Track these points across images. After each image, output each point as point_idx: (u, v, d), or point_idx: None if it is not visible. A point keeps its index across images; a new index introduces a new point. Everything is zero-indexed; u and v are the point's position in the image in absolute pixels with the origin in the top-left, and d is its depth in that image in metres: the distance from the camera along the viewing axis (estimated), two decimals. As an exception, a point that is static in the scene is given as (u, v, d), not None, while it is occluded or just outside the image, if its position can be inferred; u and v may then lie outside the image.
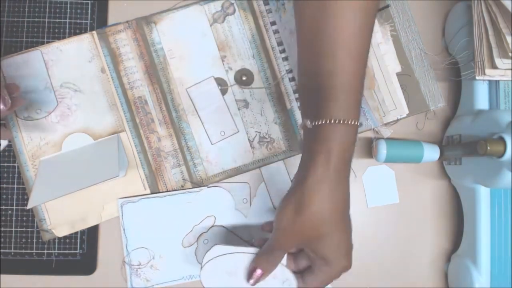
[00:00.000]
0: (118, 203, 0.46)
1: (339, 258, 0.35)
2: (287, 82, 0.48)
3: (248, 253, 0.37)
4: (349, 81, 0.31)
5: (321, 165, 0.32)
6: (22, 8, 0.47)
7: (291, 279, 0.36)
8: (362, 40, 0.31)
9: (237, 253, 0.37)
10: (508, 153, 0.37)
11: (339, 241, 0.34)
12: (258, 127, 0.48)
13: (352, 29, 0.31)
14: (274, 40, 0.48)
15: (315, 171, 0.32)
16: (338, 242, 0.34)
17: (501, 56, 0.41)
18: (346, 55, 0.31)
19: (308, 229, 0.33)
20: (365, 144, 0.50)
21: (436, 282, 0.51)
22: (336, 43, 0.31)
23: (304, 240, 0.34)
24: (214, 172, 0.47)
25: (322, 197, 0.32)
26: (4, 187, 0.46)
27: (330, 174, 0.31)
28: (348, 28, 0.31)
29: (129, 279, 0.46)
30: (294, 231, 0.33)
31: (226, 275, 0.37)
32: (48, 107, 0.46)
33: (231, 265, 0.37)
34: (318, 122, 0.31)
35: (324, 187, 0.32)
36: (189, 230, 0.47)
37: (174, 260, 0.47)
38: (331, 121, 0.31)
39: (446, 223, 0.51)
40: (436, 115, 0.51)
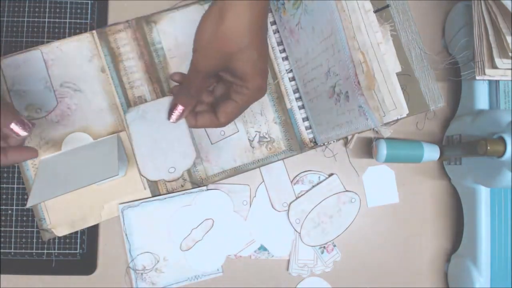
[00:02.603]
0: (118, 208, 0.46)
1: (255, 76, 0.35)
2: (287, 82, 0.48)
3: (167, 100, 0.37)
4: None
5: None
6: (22, 8, 0.47)
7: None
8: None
9: (156, 102, 0.38)
10: (508, 153, 0.37)
11: (258, 56, 0.34)
12: (258, 126, 0.48)
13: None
14: (274, 40, 0.48)
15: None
16: (257, 57, 0.34)
17: (501, 56, 0.41)
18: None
19: (227, 43, 0.33)
20: (365, 144, 0.50)
21: (436, 282, 0.51)
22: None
23: (224, 57, 0.34)
24: (214, 172, 0.47)
25: (241, 8, 0.32)
26: (4, 187, 0.46)
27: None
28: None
29: (134, 284, 0.46)
30: (213, 47, 0.33)
31: (151, 124, 0.37)
32: (48, 107, 0.46)
33: (153, 115, 0.37)
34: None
35: (241, 4, 0.32)
36: (187, 234, 0.47)
37: (178, 262, 0.47)
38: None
39: (446, 223, 0.51)
40: (436, 115, 0.51)
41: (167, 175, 0.37)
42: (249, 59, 0.34)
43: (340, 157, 0.50)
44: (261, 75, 0.35)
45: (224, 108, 0.37)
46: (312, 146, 0.48)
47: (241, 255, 0.48)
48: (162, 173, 0.37)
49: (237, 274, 0.49)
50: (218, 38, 0.33)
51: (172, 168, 0.37)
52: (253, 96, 0.36)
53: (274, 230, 0.49)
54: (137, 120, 0.38)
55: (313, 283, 0.49)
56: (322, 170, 0.50)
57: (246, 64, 0.34)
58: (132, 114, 0.39)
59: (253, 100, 0.37)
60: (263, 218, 0.49)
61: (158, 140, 0.38)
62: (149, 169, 0.38)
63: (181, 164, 0.37)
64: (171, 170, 0.37)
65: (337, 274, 0.49)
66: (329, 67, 0.39)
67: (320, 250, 0.49)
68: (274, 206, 0.49)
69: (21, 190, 0.46)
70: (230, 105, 0.37)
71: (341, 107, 0.38)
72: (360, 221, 0.50)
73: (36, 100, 0.46)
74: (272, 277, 0.49)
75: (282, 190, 0.49)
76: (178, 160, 0.37)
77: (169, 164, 0.37)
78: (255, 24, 0.33)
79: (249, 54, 0.34)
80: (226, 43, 0.33)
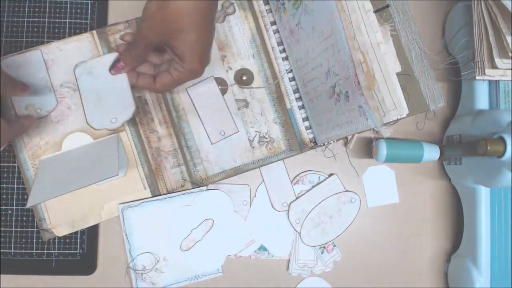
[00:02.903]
0: (118, 209, 0.46)
1: (192, 58, 0.37)
2: (287, 82, 0.48)
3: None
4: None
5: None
6: (22, 8, 0.47)
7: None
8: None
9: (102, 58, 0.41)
10: (508, 153, 0.37)
11: (196, 41, 0.35)
12: (258, 127, 0.48)
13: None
14: (274, 40, 0.48)
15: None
16: (195, 41, 0.35)
17: (501, 56, 0.41)
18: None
19: (170, 20, 0.34)
20: (365, 144, 0.50)
21: (436, 282, 0.51)
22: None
23: (165, 32, 0.35)
24: (214, 172, 0.47)
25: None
26: (4, 187, 0.46)
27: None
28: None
29: (134, 284, 0.46)
30: (157, 20, 0.35)
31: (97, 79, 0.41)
32: (48, 107, 0.46)
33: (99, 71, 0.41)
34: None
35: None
36: (187, 234, 0.47)
37: (178, 262, 0.47)
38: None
39: (446, 223, 0.51)
40: (436, 115, 0.51)
41: (110, 125, 0.41)
42: (187, 41, 0.35)
43: (340, 157, 0.50)
44: (198, 59, 0.37)
45: (161, 78, 0.40)
46: (312, 146, 0.48)
47: (241, 255, 0.48)
48: (105, 123, 0.41)
49: (237, 274, 0.49)
50: (161, 14, 0.34)
51: (114, 119, 0.41)
52: (187, 76, 0.39)
53: (274, 230, 0.49)
54: (84, 75, 0.42)
55: (313, 283, 0.49)
56: (322, 170, 0.50)
57: (184, 45, 0.36)
58: (79, 70, 0.42)
59: (186, 79, 0.39)
60: (263, 218, 0.49)
61: (102, 94, 0.41)
62: (94, 119, 0.42)
63: (122, 115, 0.41)
64: (113, 121, 0.41)
65: (337, 274, 0.49)
66: (329, 67, 0.39)
67: (320, 250, 0.49)
68: (274, 206, 0.49)
69: (21, 190, 0.46)
70: (166, 77, 0.39)
71: (341, 107, 0.38)
72: (360, 221, 0.50)
73: (36, 100, 0.46)
74: (272, 277, 0.49)
75: (282, 190, 0.49)
76: (119, 111, 0.41)
77: (112, 115, 0.41)
78: (198, 8, 0.34)
79: (188, 36, 0.35)
80: (167, 20, 0.34)
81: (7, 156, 0.46)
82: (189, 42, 0.36)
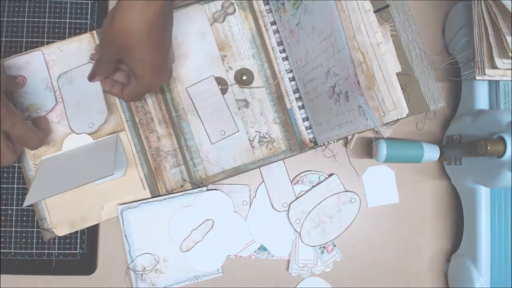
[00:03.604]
0: (117, 209, 0.46)
1: (144, 74, 0.38)
2: (287, 82, 0.48)
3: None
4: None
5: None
6: (22, 8, 0.47)
7: None
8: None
9: (80, 69, 0.46)
10: (508, 153, 0.37)
11: (145, 57, 0.36)
12: (258, 126, 0.48)
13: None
14: (274, 40, 0.48)
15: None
16: (144, 58, 0.36)
17: (501, 56, 0.41)
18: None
19: (118, 38, 0.35)
20: (365, 144, 0.50)
21: (436, 282, 0.51)
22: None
23: (118, 49, 0.36)
24: (214, 172, 0.47)
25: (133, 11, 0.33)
26: (4, 187, 0.46)
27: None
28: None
29: (134, 284, 0.46)
30: (109, 38, 0.36)
31: (76, 88, 0.46)
32: (48, 107, 0.46)
33: (78, 80, 0.46)
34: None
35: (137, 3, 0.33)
36: (187, 234, 0.47)
37: (178, 263, 0.47)
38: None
39: (446, 223, 0.51)
40: (436, 115, 0.51)
41: (88, 129, 0.45)
42: (135, 58, 0.36)
43: (340, 157, 0.50)
44: (149, 75, 0.38)
45: (126, 89, 0.41)
46: (312, 146, 0.48)
47: (241, 255, 0.48)
48: (84, 128, 0.45)
49: (237, 274, 0.49)
50: (112, 30, 0.35)
51: (91, 124, 0.45)
52: (143, 90, 0.40)
53: (274, 230, 0.49)
54: (66, 84, 0.46)
55: (313, 283, 0.49)
56: (322, 170, 0.50)
57: (132, 62, 0.37)
58: (62, 80, 0.46)
59: (144, 92, 0.41)
60: (263, 218, 0.49)
61: (81, 101, 0.45)
62: (75, 124, 0.46)
63: (97, 120, 0.45)
64: (90, 125, 0.45)
65: (337, 274, 0.49)
66: (329, 67, 0.39)
67: (320, 250, 0.49)
68: (274, 206, 0.49)
69: (21, 190, 0.46)
70: (129, 88, 0.41)
71: (341, 107, 0.38)
72: (360, 221, 0.50)
73: (37, 101, 0.46)
74: (272, 277, 0.49)
75: (282, 190, 0.49)
76: (95, 117, 0.45)
77: (89, 121, 0.45)
78: (146, 26, 0.34)
79: (135, 53, 0.36)
80: (117, 37, 0.35)
81: (7, 156, 0.46)
82: (137, 60, 0.36)
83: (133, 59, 0.36)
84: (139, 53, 0.36)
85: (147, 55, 0.36)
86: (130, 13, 0.34)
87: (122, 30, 0.34)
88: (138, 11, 0.34)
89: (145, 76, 0.38)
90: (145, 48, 0.36)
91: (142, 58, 0.36)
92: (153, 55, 0.37)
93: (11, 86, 0.44)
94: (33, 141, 0.41)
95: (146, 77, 0.38)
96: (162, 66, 0.39)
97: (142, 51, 0.36)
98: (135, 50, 0.35)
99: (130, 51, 0.36)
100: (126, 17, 0.34)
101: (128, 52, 0.36)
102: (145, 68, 0.37)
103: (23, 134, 0.39)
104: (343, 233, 0.49)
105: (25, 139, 0.40)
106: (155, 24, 0.35)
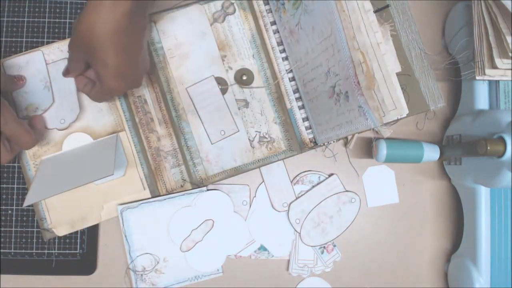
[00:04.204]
0: (117, 210, 0.46)
1: (106, 77, 0.37)
2: (287, 82, 0.48)
3: None
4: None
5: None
6: (22, 8, 0.47)
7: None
8: None
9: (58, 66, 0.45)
10: (508, 153, 0.37)
11: (108, 60, 0.35)
12: (258, 126, 0.48)
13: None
14: (274, 40, 0.48)
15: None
16: (106, 60, 0.35)
17: (501, 56, 0.41)
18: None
19: (83, 38, 0.34)
20: (365, 144, 0.50)
21: (436, 282, 0.51)
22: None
23: (83, 50, 0.36)
24: (214, 172, 0.47)
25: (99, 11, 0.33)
26: (4, 187, 0.46)
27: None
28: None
29: (134, 284, 0.46)
30: (76, 37, 0.35)
31: (54, 86, 0.45)
32: (45, 106, 0.46)
33: (58, 73, 0.45)
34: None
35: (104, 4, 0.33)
36: (187, 235, 0.47)
37: (178, 263, 0.47)
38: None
39: (446, 223, 0.51)
40: (436, 115, 0.51)
41: (59, 125, 0.46)
42: (99, 60, 0.35)
43: (340, 157, 0.50)
44: (114, 78, 0.37)
45: (94, 88, 0.40)
46: (312, 146, 0.48)
47: (241, 255, 0.48)
48: (54, 123, 0.46)
49: (237, 274, 0.49)
50: (79, 29, 0.34)
51: (62, 120, 0.46)
52: (105, 92, 0.39)
53: (274, 230, 0.49)
54: (57, 78, 0.46)
55: (313, 283, 0.49)
56: (322, 170, 0.50)
57: (96, 63, 0.36)
58: (53, 73, 0.46)
59: (108, 95, 0.40)
60: (263, 218, 0.49)
61: (56, 98, 0.46)
62: (49, 119, 0.46)
63: (68, 117, 0.46)
64: (62, 121, 0.46)
65: (337, 274, 0.49)
66: (329, 67, 0.39)
67: (320, 250, 0.49)
68: (274, 206, 0.49)
69: (21, 190, 0.46)
70: (95, 89, 0.40)
71: (341, 107, 0.38)
72: (360, 221, 0.50)
73: (36, 100, 0.46)
74: (272, 277, 0.49)
75: (282, 190, 0.49)
76: (67, 113, 0.46)
77: (60, 117, 0.46)
78: (110, 27, 0.33)
79: (100, 55, 0.35)
80: (83, 36, 0.34)
81: (7, 156, 0.46)
82: (100, 61, 0.35)
83: (96, 60, 0.36)
84: (102, 55, 0.35)
85: (110, 58, 0.35)
86: (96, 12, 0.33)
87: (87, 30, 0.33)
88: (104, 11, 0.33)
89: (106, 80, 0.37)
90: (108, 50, 0.35)
91: (104, 60, 0.35)
92: (117, 59, 0.35)
93: (10, 86, 0.44)
94: (26, 140, 0.39)
95: (109, 80, 0.37)
96: (127, 71, 0.37)
97: (105, 53, 0.35)
98: (98, 51, 0.35)
99: (94, 52, 0.35)
100: (91, 16, 0.33)
101: (92, 52, 0.35)
102: (107, 71, 0.36)
103: (16, 134, 0.38)
104: (343, 233, 0.49)
105: (18, 138, 0.39)
106: (121, 26, 0.34)
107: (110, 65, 0.36)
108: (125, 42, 0.35)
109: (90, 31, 0.34)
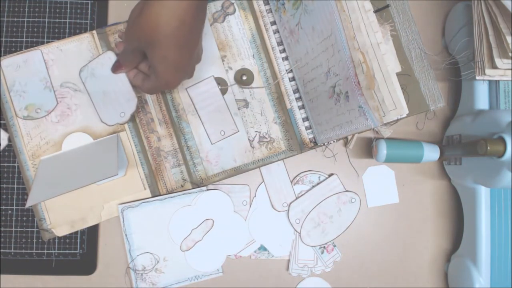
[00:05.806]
0: (118, 209, 0.46)
1: (164, 72, 0.36)
2: (287, 82, 0.48)
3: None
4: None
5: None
6: (22, 8, 0.47)
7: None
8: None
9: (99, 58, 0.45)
10: (508, 153, 0.37)
11: (168, 55, 0.35)
12: (258, 126, 0.48)
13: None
14: (274, 40, 0.48)
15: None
16: (167, 55, 0.35)
17: (501, 56, 0.41)
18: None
19: (144, 31, 0.34)
20: (365, 144, 0.50)
21: (436, 282, 0.51)
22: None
23: (141, 41, 0.35)
24: (214, 172, 0.47)
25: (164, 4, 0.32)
26: (4, 187, 0.46)
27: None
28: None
29: (134, 284, 0.46)
30: (135, 30, 0.34)
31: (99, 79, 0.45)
32: (48, 107, 0.46)
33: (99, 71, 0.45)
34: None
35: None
36: (187, 234, 0.47)
37: (178, 262, 0.47)
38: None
39: (446, 223, 0.51)
40: (436, 115, 0.51)
41: (120, 119, 0.44)
42: (159, 55, 0.35)
43: (340, 157, 0.50)
44: (171, 72, 0.37)
45: (148, 81, 0.40)
46: (312, 146, 0.48)
47: (241, 255, 0.48)
48: (116, 118, 0.45)
49: (237, 274, 0.49)
50: (140, 21, 0.33)
51: (122, 113, 0.44)
52: (161, 86, 0.39)
53: (274, 230, 0.49)
54: (89, 77, 0.45)
55: (313, 283, 0.49)
56: (322, 170, 0.50)
57: (155, 58, 0.35)
58: (84, 73, 0.45)
59: (161, 89, 0.40)
60: (263, 218, 0.49)
61: (107, 92, 0.44)
62: (106, 117, 0.45)
63: (128, 108, 0.44)
64: (122, 115, 0.44)
65: (337, 274, 0.49)
66: (329, 67, 0.39)
67: (320, 250, 0.49)
68: (274, 206, 0.49)
69: (21, 190, 0.46)
70: (149, 82, 0.40)
71: (341, 107, 0.38)
72: (360, 221, 0.50)
73: (36, 100, 0.46)
74: (272, 277, 0.49)
75: (282, 190, 0.49)
76: (125, 106, 0.44)
77: (120, 110, 0.44)
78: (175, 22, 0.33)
79: (160, 50, 0.34)
80: (144, 29, 0.34)
81: (7, 156, 0.46)
82: (159, 56, 0.35)
83: (156, 55, 0.35)
84: (163, 50, 0.34)
85: (171, 53, 0.34)
86: (161, 5, 0.32)
87: (150, 23, 0.33)
88: (170, 5, 0.32)
89: (165, 74, 0.37)
90: (170, 45, 0.34)
91: (165, 55, 0.35)
92: (177, 54, 0.35)
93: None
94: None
95: (166, 75, 0.37)
96: (185, 66, 0.37)
97: (166, 49, 0.34)
98: (159, 46, 0.34)
99: (154, 46, 0.34)
100: (155, 9, 0.32)
101: (152, 47, 0.34)
102: (166, 66, 0.36)
103: None
104: (343, 233, 0.49)
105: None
106: (185, 21, 0.33)
107: (169, 61, 0.35)
108: (186, 37, 0.34)
109: (155, 24, 0.32)
